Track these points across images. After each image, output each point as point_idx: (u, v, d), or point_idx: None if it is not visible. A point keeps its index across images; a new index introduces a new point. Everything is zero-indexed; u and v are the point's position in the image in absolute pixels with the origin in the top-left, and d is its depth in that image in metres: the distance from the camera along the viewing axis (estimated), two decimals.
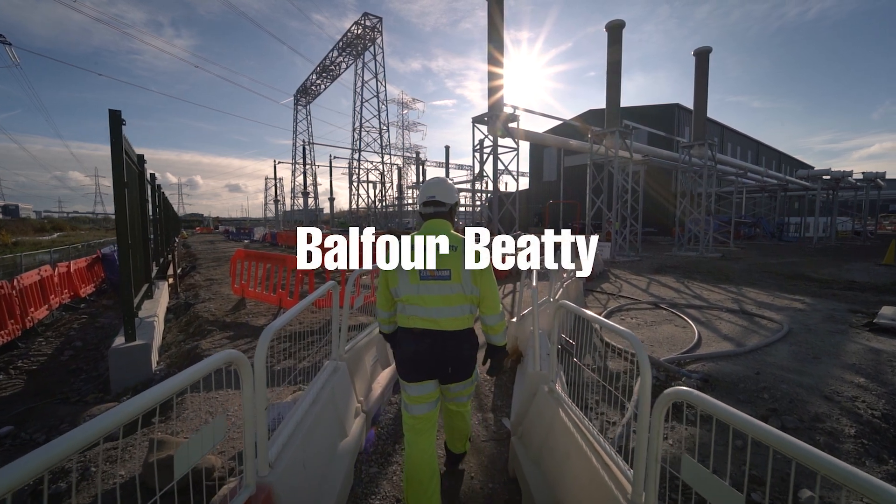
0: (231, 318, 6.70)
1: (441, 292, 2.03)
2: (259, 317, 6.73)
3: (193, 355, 4.96)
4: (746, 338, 5.61)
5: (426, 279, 2.03)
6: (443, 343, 2.05)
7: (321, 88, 44.06)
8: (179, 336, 6.36)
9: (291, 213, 55.43)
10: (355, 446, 2.53)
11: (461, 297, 2.04)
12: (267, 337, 1.57)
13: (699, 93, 18.16)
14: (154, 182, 10.10)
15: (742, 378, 4.13)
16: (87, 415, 3.85)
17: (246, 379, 1.44)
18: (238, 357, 1.39)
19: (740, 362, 4.64)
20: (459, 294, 2.04)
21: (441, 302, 2.03)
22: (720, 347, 5.17)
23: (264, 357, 1.52)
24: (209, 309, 7.44)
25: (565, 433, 2.16)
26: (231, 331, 6.04)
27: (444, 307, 2.03)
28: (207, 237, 42.09)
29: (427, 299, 2.03)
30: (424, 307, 2.04)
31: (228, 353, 1.38)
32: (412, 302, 2.06)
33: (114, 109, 4.40)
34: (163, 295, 7.85)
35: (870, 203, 31.69)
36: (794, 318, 6.59)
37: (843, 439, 3.09)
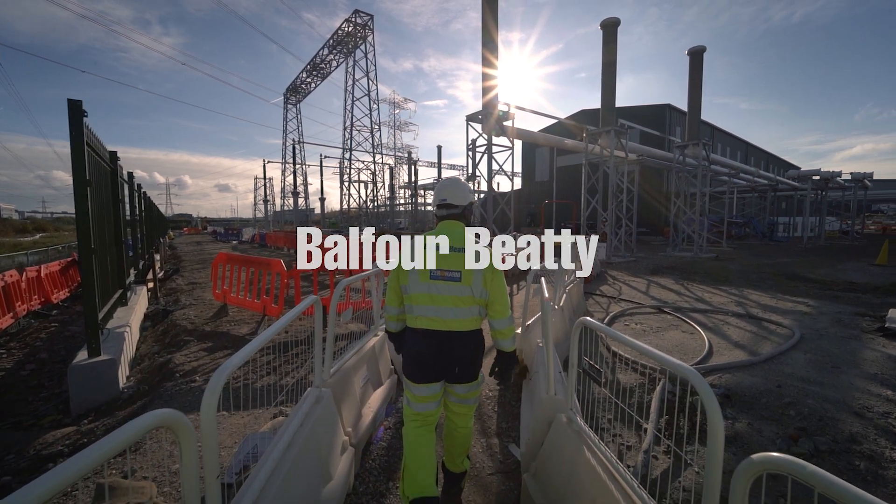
0: (211, 327, 6.25)
1: (450, 293, 2.02)
2: (241, 325, 6.30)
3: (165, 371, 4.52)
4: (758, 345, 5.34)
5: (436, 279, 2.03)
6: (449, 343, 2.03)
7: (312, 87, 43.32)
8: (154, 347, 5.90)
9: (281, 213, 54.54)
10: (342, 489, 2.16)
11: (470, 300, 2.03)
12: (218, 383, 1.17)
13: (693, 92, 18.06)
14: (132, 180, 9.57)
15: (763, 392, 3.84)
16: (39, 443, 3.41)
17: (187, 447, 1.03)
18: (174, 420, 0.99)
19: (757, 373, 4.36)
20: (469, 296, 2.02)
21: (449, 302, 2.02)
22: (733, 356, 4.89)
23: (213, 412, 1.13)
24: (188, 316, 6.97)
25: (592, 478, 1.82)
26: (210, 341, 5.59)
27: (452, 308, 2.02)
28: (195, 238, 41.14)
29: (436, 299, 2.03)
30: (433, 307, 2.03)
31: (162, 414, 0.98)
32: (420, 301, 2.05)
33: (73, 99, 3.95)
34: (140, 301, 7.37)
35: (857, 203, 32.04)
36: (802, 323, 6.36)
37: (886, 464, 2.80)
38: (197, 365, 4.64)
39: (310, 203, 47.26)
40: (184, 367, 4.56)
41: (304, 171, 45.47)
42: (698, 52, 17.70)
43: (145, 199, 14.27)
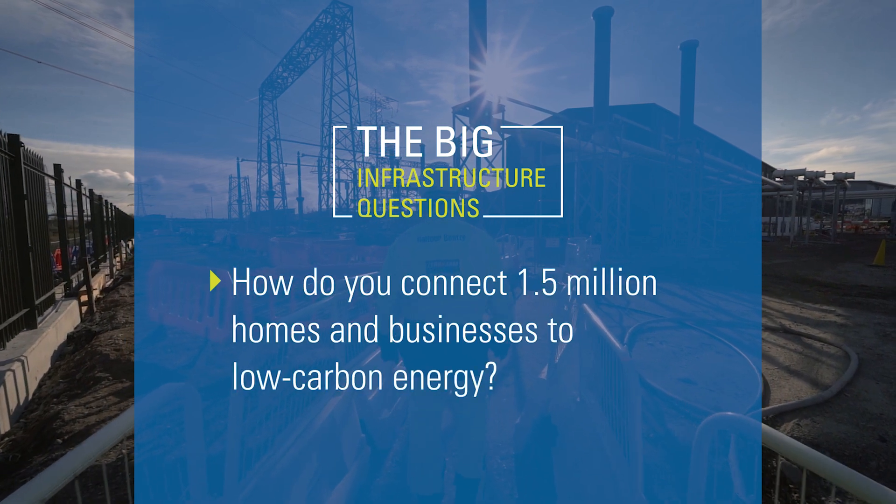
0: (139, 356, 4.97)
1: (450, 286, 1.96)
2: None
3: (47, 431, 3.25)
4: (813, 370, 4.43)
5: (435, 272, 1.97)
6: (451, 336, 1.95)
7: (289, 82, 41.48)
8: (60, 384, 4.58)
9: (258, 213, 52.29)
10: None
11: (470, 294, 1.97)
12: None
13: (686, 88, 17.48)
14: (60, 176, 8.08)
15: (866, 448, 2.88)
16: None
17: None
18: None
19: (837, 413, 3.41)
20: (468, 293, 1.96)
21: (451, 296, 1.96)
22: (793, 388, 3.94)
23: None
24: (115, 340, 5.64)
25: None
26: (130, 378, 4.32)
27: (453, 300, 1.96)
28: (163, 241, 38.77)
29: (436, 294, 1.96)
30: (433, 298, 1.96)
31: None
32: (419, 295, 1.97)
33: None
34: (62, 321, 6.00)
35: (829, 203, 32.49)
36: (846, 338, 5.52)
37: None
38: (94, 421, 3.38)
39: (288, 203, 45.34)
40: (74, 425, 3.30)
41: (280, 170, 43.57)
42: (691, 47, 17.13)
43: (96, 200, 12.66)
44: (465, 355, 1.95)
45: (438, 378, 1.95)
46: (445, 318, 1.92)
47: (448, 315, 1.93)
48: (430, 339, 1.92)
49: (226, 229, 42.10)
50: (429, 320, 1.93)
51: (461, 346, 1.92)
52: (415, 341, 1.94)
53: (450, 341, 1.91)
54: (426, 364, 1.96)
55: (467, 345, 1.93)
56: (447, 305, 1.93)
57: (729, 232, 30.33)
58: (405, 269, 1.96)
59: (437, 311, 1.93)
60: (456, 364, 1.95)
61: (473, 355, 1.97)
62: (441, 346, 1.91)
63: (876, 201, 57.07)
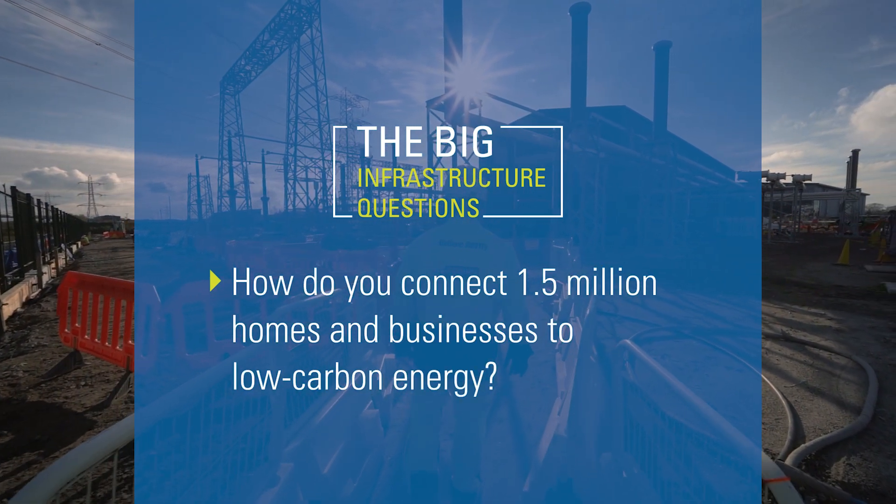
0: (42, 393, 3.96)
1: (464, 287, 1.94)
2: (90, 390, 4.05)
3: None
4: (833, 387, 4.01)
5: (450, 273, 1.95)
6: (461, 336, 1.94)
7: (252, 76, 39.39)
8: None
9: (220, 214, 49.49)
10: None
11: (484, 295, 1.95)
12: None
13: (659, 89, 17.54)
14: None
15: None
16: None
17: None
18: None
19: (883, 445, 2.95)
20: (482, 292, 1.95)
21: (464, 296, 1.95)
22: (821, 411, 3.48)
23: None
24: (15, 370, 4.56)
25: None
26: (23, 423, 3.33)
27: (466, 301, 1.95)
28: (114, 243, 35.71)
29: (450, 294, 1.96)
30: (446, 299, 1.96)
31: None
32: (432, 296, 1.98)
33: None
34: None
35: (787, 204, 34.09)
36: (848, 346, 5.22)
37: None
38: None
39: (252, 204, 43.10)
40: None
41: (243, 168, 41.38)
42: (664, 48, 17.19)
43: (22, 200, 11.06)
44: (477, 356, 1.97)
45: (438, 378, 1.98)
46: (459, 319, 1.94)
47: (461, 316, 1.94)
48: (441, 340, 1.94)
49: (184, 231, 39.48)
50: (443, 321, 1.94)
51: (473, 347, 1.94)
52: (429, 341, 1.96)
53: (460, 342, 1.93)
54: (438, 365, 1.98)
55: (481, 345, 1.96)
56: (461, 306, 1.95)
57: (696, 233, 31.23)
58: (424, 271, 1.97)
59: (451, 311, 1.95)
60: (468, 366, 1.96)
61: (486, 357, 1.99)
62: (451, 347, 1.93)
63: (823, 202, 60.89)
